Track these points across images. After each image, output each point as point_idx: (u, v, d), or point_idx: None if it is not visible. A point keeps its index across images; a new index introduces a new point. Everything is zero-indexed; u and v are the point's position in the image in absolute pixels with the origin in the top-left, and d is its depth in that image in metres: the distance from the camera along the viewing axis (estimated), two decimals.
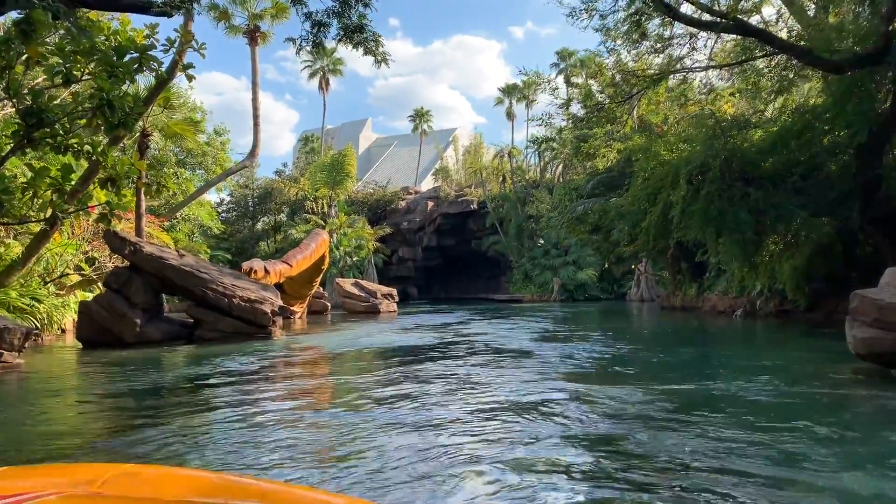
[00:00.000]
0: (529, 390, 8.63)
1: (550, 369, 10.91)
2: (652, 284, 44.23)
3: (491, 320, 26.20)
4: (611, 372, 10.82)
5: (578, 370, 10.97)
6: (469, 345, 15.93)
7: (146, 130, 20.43)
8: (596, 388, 8.69)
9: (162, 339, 17.34)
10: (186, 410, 8.17)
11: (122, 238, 17.80)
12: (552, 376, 10.02)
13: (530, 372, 10.51)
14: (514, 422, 6.70)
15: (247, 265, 22.05)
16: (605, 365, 11.62)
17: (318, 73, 60.12)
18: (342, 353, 14.96)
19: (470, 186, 60.98)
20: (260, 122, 29.19)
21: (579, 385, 9.05)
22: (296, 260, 25.24)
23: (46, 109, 10.81)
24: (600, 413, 7.14)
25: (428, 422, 6.79)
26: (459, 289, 62.42)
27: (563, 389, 8.71)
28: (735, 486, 4.53)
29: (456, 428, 6.45)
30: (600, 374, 10.43)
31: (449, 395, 8.60)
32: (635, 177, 20.71)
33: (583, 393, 8.41)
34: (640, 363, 11.97)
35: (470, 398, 8.25)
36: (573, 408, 7.46)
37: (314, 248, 26.77)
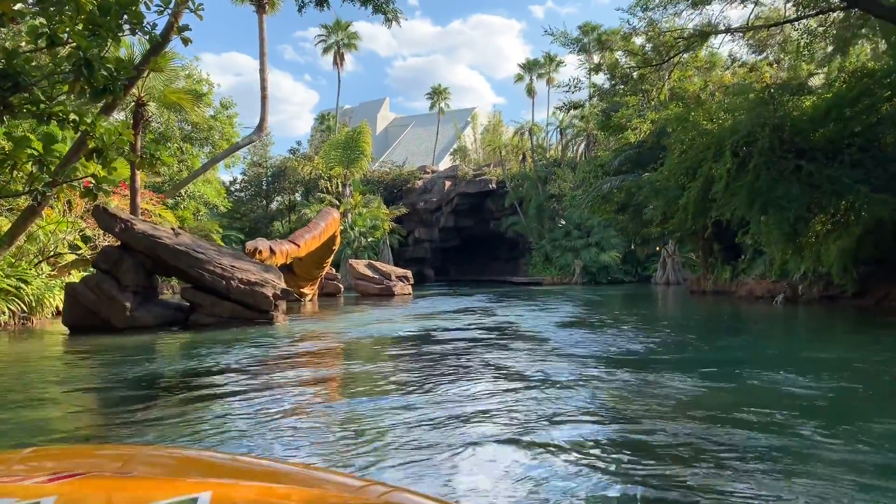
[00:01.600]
0: (576, 383, 7.11)
1: (591, 361, 9.37)
2: (678, 267, 42.48)
3: (512, 304, 24.67)
4: (662, 364, 9.25)
5: (623, 360, 9.43)
6: (492, 332, 14.41)
7: (141, 99, 18.97)
8: (649, 384, 7.14)
9: (155, 324, 16.00)
10: (167, 405, 6.86)
11: (113, 215, 16.42)
12: (595, 371, 8.48)
13: (572, 364, 8.97)
14: (568, 423, 5.19)
15: (251, 244, 20.63)
16: (650, 356, 10.04)
17: (332, 48, 58.36)
18: (348, 342, 13.49)
19: (489, 165, 59.17)
20: (268, 95, 27.68)
21: (631, 379, 7.50)
22: (304, 240, 23.74)
23: (23, 72, 9.60)
24: (667, 414, 5.60)
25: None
26: (477, 271, 60.83)
27: (615, 387, 7.18)
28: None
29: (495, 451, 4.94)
30: (650, 368, 8.85)
31: (477, 414, 7.09)
32: (671, 150, 18.97)
33: (637, 390, 6.87)
34: (688, 353, 10.38)
35: (504, 400, 6.74)
36: (639, 412, 5.92)
37: (324, 227, 25.26)
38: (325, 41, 57.96)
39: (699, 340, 12.88)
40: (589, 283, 45.24)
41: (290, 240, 23.58)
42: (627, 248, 46.48)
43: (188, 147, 29.27)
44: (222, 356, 11.31)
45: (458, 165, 60.60)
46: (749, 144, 14.86)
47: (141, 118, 18.95)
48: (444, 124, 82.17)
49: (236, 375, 9.22)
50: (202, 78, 30.58)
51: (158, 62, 19.19)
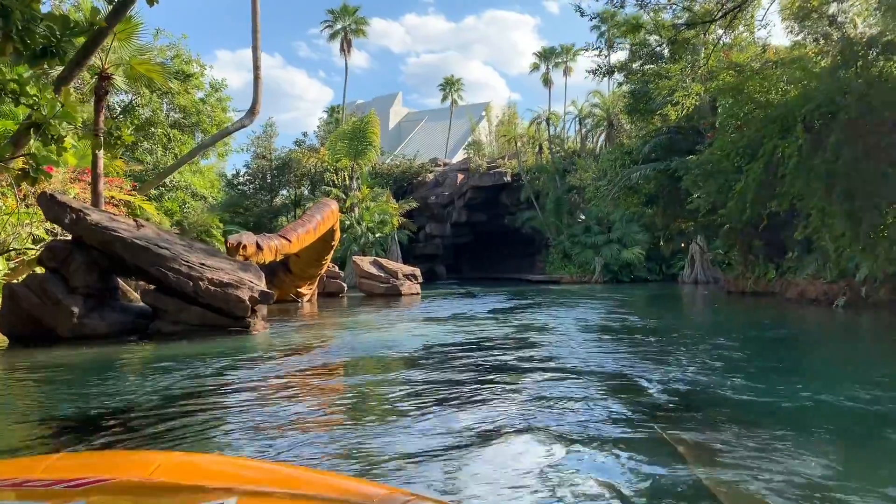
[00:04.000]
0: (643, 449, 4.43)
1: (650, 405, 6.68)
2: (708, 265, 39.53)
3: (529, 307, 21.98)
4: (763, 414, 6.51)
5: (697, 402, 6.73)
6: (507, 348, 11.74)
7: (105, 71, 16.41)
8: (761, 456, 4.43)
9: (109, 333, 13.46)
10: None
11: (61, 203, 13.88)
12: (669, 427, 5.77)
13: (626, 407, 6.28)
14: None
15: (233, 239, 18.07)
16: (736, 398, 7.27)
17: (339, 35, 55.66)
18: (331, 362, 10.84)
19: (503, 157, 56.32)
20: (261, 76, 25.08)
21: (729, 447, 4.81)
22: (296, 234, 21.07)
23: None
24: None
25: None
26: (491, 268, 58.00)
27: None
28: None
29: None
30: (746, 423, 6.09)
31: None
32: (722, 126, 16.21)
33: (749, 466, 4.17)
34: (791, 392, 7.59)
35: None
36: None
37: (319, 220, 22.58)
38: (331, 27, 55.25)
39: (792, 368, 10.11)
40: (610, 282, 42.42)
41: (280, 234, 20.98)
42: (651, 244, 43.61)
43: (175, 133, 26.78)
44: (172, 380, 8.77)
45: (471, 158, 57.77)
46: (826, 116, 12.09)
47: (105, 93, 16.39)
48: (457, 119, 79.43)
49: (171, 409, 6.65)
50: (192, 58, 28.13)
51: (132, 32, 16.64)
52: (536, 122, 51.47)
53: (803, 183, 12.63)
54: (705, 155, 16.96)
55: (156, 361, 10.98)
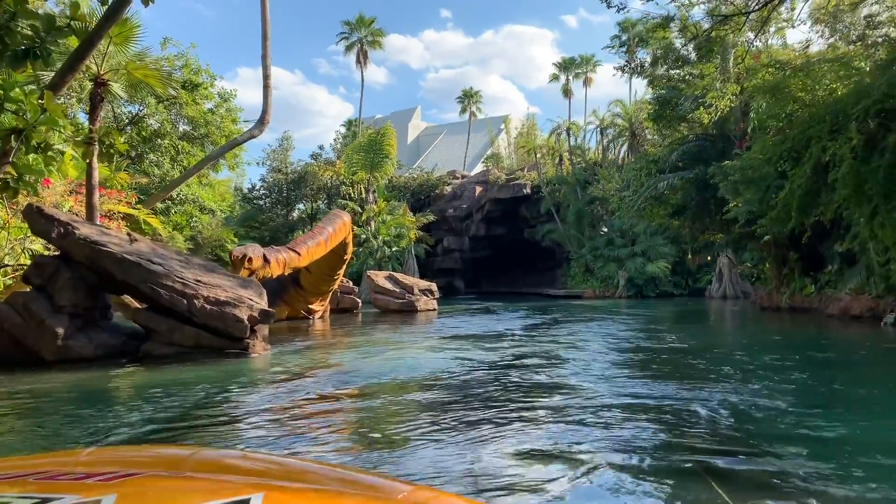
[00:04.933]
0: None
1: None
2: (737, 279, 38.03)
3: (552, 324, 20.74)
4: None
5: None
6: (538, 370, 10.53)
7: (101, 77, 15.53)
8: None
9: (96, 356, 12.44)
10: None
11: (49, 216, 12.94)
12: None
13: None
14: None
15: (238, 251, 16.99)
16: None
17: (354, 46, 54.97)
18: (335, 392, 9.69)
19: (522, 169, 55.14)
20: (270, 84, 24.20)
21: None
22: (306, 247, 19.97)
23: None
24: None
25: None
26: (510, 282, 56.69)
27: None
28: None
29: None
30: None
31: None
32: (761, 128, 14.93)
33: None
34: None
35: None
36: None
37: (331, 232, 21.47)
38: (347, 38, 54.58)
39: (847, 396, 8.81)
40: (634, 297, 40.97)
41: (289, 247, 19.89)
42: (677, 257, 42.17)
43: (184, 145, 25.91)
44: (148, 412, 7.70)
45: (489, 170, 56.63)
46: (885, 114, 10.82)
47: (100, 100, 15.49)
48: (476, 132, 78.58)
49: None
50: (200, 68, 27.30)
51: (123, 33, 15.75)
52: (556, 132, 50.30)
53: (854, 189, 11.36)
54: (745, 159, 15.68)
55: (136, 389, 9.93)
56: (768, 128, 14.53)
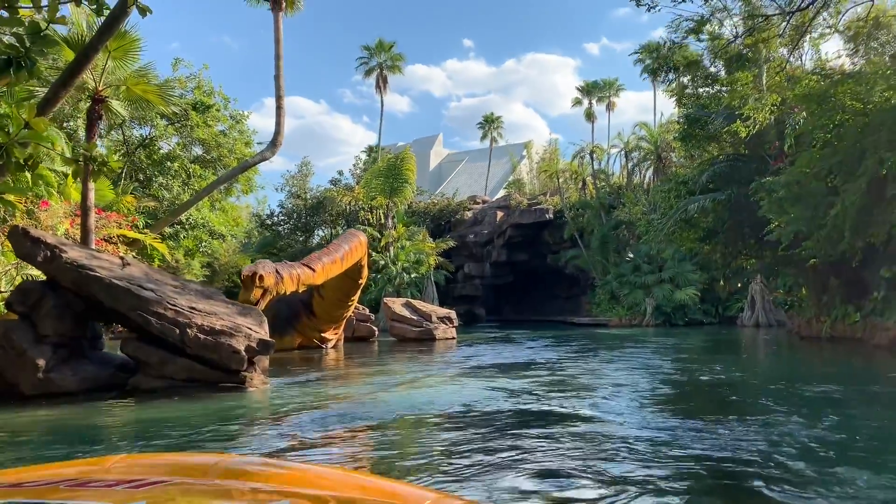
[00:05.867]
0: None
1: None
2: (770, 306, 36.38)
3: (581, 354, 19.47)
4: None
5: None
6: (565, 407, 9.32)
7: (99, 93, 14.75)
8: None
9: (80, 389, 11.44)
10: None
11: (35, 239, 12.06)
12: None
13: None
14: None
15: (248, 269, 15.83)
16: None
17: (374, 71, 54.53)
18: (338, 434, 8.55)
19: (545, 194, 54.00)
20: (283, 105, 23.46)
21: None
22: (321, 264, 18.67)
23: None
24: None
25: None
26: (533, 310, 55.21)
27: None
28: None
29: None
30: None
31: None
32: (809, 140, 13.70)
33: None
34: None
35: None
36: None
37: (346, 250, 20.26)
38: (366, 63, 54.18)
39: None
40: (662, 325, 39.41)
41: (303, 263, 18.66)
42: (706, 284, 40.59)
43: (196, 168, 25.20)
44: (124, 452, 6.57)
45: (510, 195, 55.54)
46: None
47: (98, 117, 14.71)
48: (498, 158, 77.75)
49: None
50: (213, 90, 26.70)
51: (129, 50, 15.00)
52: (580, 155, 49.16)
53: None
54: (791, 174, 14.38)
55: (112, 427, 8.92)
56: (814, 140, 13.33)
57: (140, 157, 23.77)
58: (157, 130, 23.86)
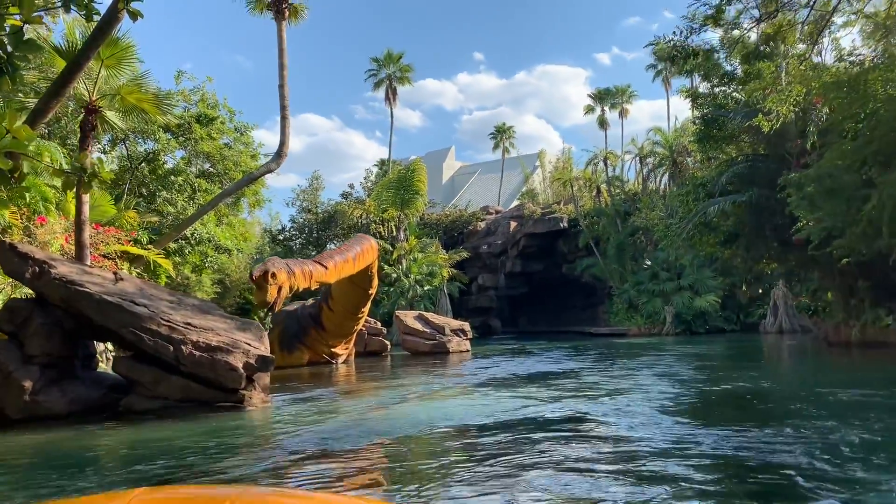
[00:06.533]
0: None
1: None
2: (793, 312, 35.31)
3: (600, 365, 18.66)
4: None
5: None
6: (589, 422, 8.56)
7: (93, 103, 14.24)
8: None
9: (70, 412, 10.82)
10: None
11: (23, 255, 11.50)
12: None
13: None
14: None
15: (258, 269, 14.70)
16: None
17: (383, 83, 54.13)
18: (342, 456, 7.84)
19: (558, 203, 53.17)
20: (289, 115, 22.94)
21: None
22: (333, 262, 17.82)
23: None
24: None
25: None
26: (549, 320, 54.22)
27: None
28: None
29: None
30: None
31: None
32: (836, 130, 12.91)
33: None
34: None
35: None
36: None
37: (358, 251, 19.48)
38: (375, 75, 53.78)
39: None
40: (683, 333, 38.38)
41: (315, 260, 17.89)
42: (726, 290, 39.56)
43: (201, 182, 24.66)
44: (101, 481, 6.03)
45: (523, 205, 54.72)
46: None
47: (92, 128, 14.19)
48: (510, 170, 77.09)
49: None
50: (217, 102, 26.21)
51: (115, 54, 14.48)
52: (593, 162, 48.33)
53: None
54: (821, 167, 13.53)
55: (96, 453, 8.27)
56: (845, 131, 12.54)
57: (144, 172, 23.28)
58: (160, 144, 23.42)
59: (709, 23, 11.13)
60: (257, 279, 14.46)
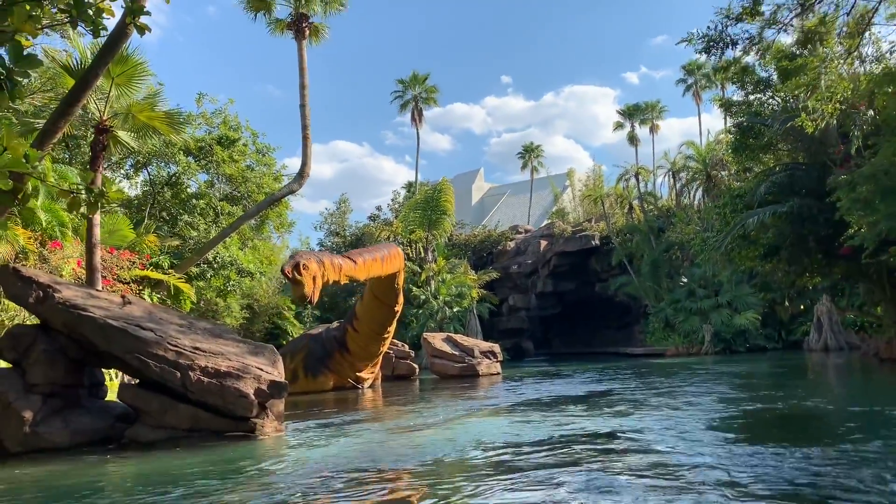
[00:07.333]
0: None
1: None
2: (839, 328, 33.74)
3: (640, 387, 17.65)
4: None
5: None
6: (634, 451, 7.69)
7: (104, 122, 13.85)
8: None
9: (72, 444, 10.23)
10: None
11: (26, 278, 11.01)
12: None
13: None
14: None
15: (289, 266, 14.22)
16: None
17: (409, 104, 53.90)
18: (357, 494, 7.08)
19: (589, 220, 52.11)
20: (310, 135, 22.53)
21: None
22: (362, 259, 17.86)
23: None
24: None
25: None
26: (584, 341, 52.92)
27: None
28: None
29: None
30: None
31: None
32: (888, 129, 11.96)
33: None
34: None
35: None
36: None
37: (386, 254, 19.44)
38: (401, 96, 53.60)
39: None
40: (722, 352, 36.96)
41: (345, 255, 17.85)
42: (766, 307, 38.03)
43: (224, 206, 24.31)
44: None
45: (553, 223, 53.73)
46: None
47: (102, 148, 13.79)
48: (540, 190, 76.33)
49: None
50: (240, 124, 25.97)
51: (133, 75, 14.11)
52: (625, 178, 47.29)
53: None
54: (877, 165, 12.48)
55: (98, 488, 7.61)
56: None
57: (166, 196, 23.02)
58: (181, 167, 23.16)
59: (745, 16, 10.35)
60: (290, 274, 14.23)
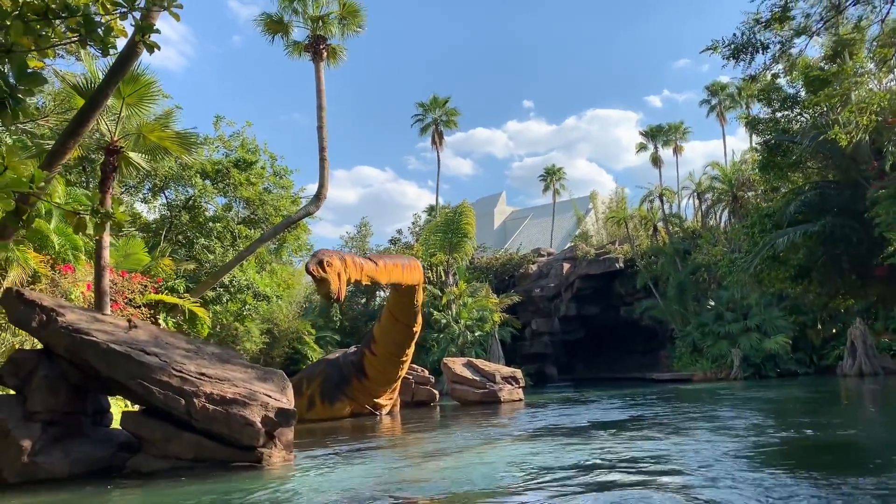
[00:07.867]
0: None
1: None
2: (874, 352, 32.54)
3: (669, 415, 16.90)
4: None
5: None
6: (665, 490, 7.08)
7: (114, 143, 13.62)
8: None
9: (72, 474, 9.80)
10: None
11: (30, 301, 10.70)
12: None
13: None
14: None
15: (313, 264, 14.11)
16: None
17: (429, 127, 53.77)
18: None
19: (613, 243, 51.31)
20: (327, 157, 22.26)
21: None
22: (383, 261, 18.12)
23: None
24: None
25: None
26: (608, 366, 51.75)
27: None
28: None
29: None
30: None
31: None
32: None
33: None
34: None
35: None
36: None
37: (406, 263, 19.46)
38: (421, 120, 53.54)
39: None
40: (752, 378, 35.77)
41: (367, 257, 18.23)
42: (797, 330, 36.85)
43: (241, 229, 24.11)
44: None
45: (576, 246, 52.98)
46: None
47: (113, 169, 13.54)
48: (562, 214, 75.68)
49: None
50: (257, 147, 25.83)
51: (144, 94, 13.89)
52: (649, 199, 46.54)
53: None
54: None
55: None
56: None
57: (183, 219, 22.86)
58: (197, 190, 23.01)
59: (774, 22, 9.86)
60: (314, 272, 14.15)
